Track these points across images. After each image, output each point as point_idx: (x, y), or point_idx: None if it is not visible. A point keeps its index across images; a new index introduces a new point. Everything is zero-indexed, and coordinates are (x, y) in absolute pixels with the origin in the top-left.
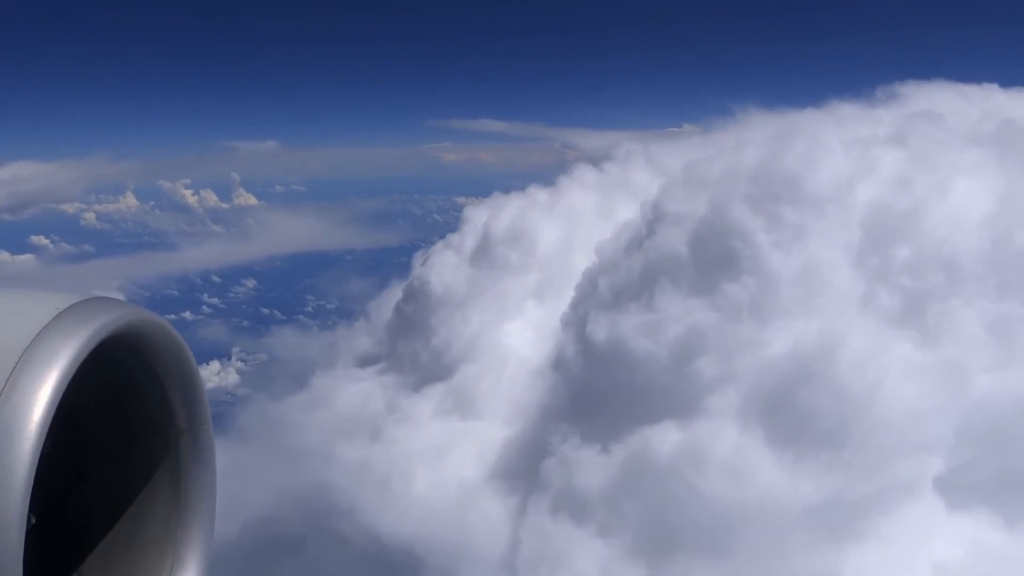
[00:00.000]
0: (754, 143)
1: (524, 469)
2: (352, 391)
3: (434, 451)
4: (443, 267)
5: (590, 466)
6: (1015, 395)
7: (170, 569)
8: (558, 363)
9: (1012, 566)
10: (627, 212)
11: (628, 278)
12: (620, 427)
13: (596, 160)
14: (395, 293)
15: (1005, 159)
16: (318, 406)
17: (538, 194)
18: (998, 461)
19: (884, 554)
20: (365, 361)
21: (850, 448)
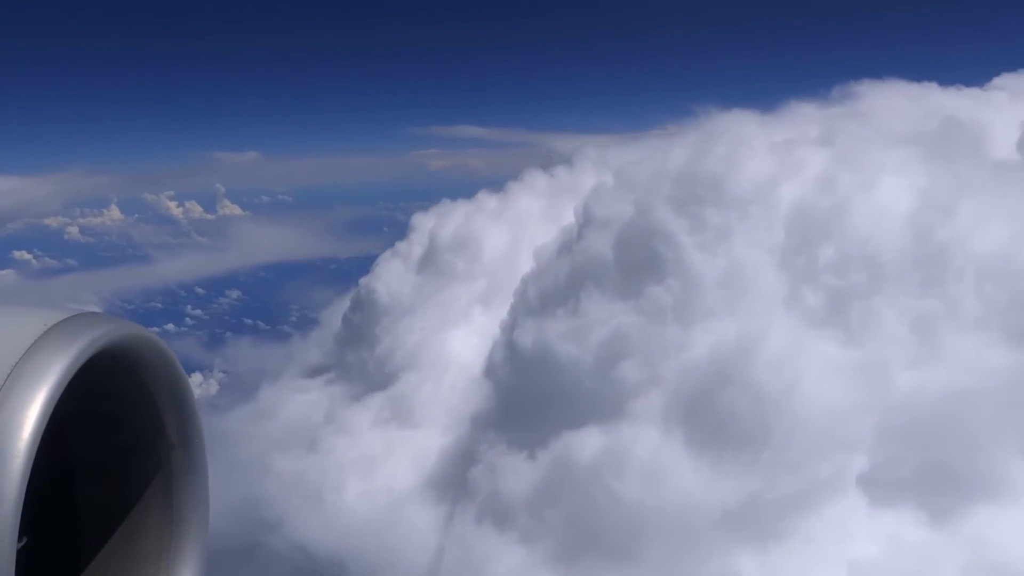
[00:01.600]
0: (683, 144)
1: (454, 477)
2: (298, 402)
3: (369, 461)
4: (389, 276)
5: (515, 473)
6: (937, 392)
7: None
8: (488, 370)
9: (931, 562)
10: (572, 217)
11: (556, 283)
12: (546, 433)
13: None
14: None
15: (934, 157)
16: (263, 417)
17: (487, 200)
18: (921, 457)
19: (804, 553)
20: (314, 371)
21: (772, 448)
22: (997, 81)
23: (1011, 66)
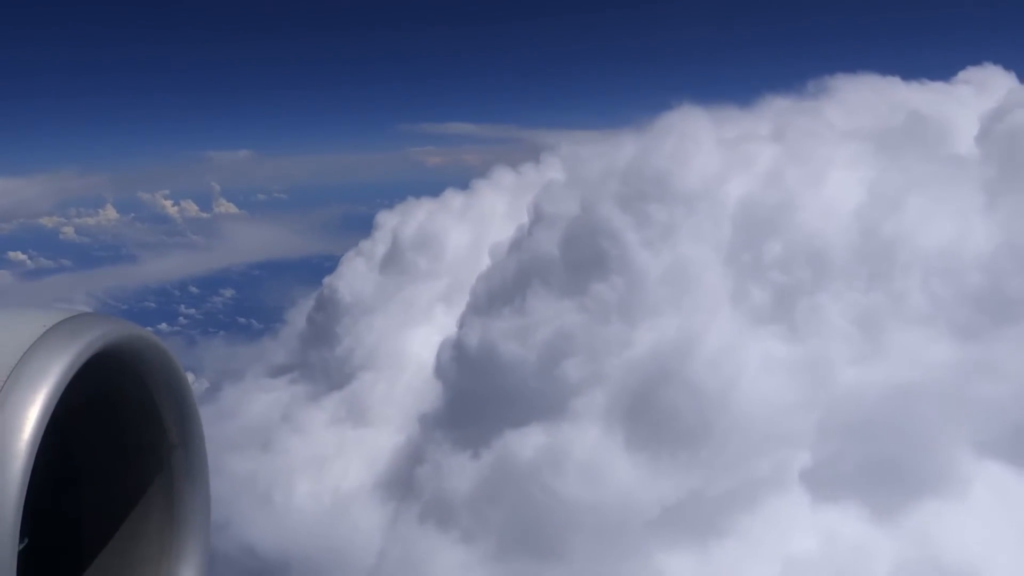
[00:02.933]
0: (633, 141)
1: (402, 476)
2: (260, 401)
3: (320, 460)
4: (352, 274)
5: (459, 472)
6: (881, 387)
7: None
8: (437, 369)
9: (871, 557)
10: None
11: (503, 282)
12: (490, 432)
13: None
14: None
15: (888, 152)
16: (224, 417)
17: (453, 198)
18: (865, 453)
19: (743, 550)
20: (279, 371)
21: (713, 445)
22: (963, 75)
23: (977, 59)
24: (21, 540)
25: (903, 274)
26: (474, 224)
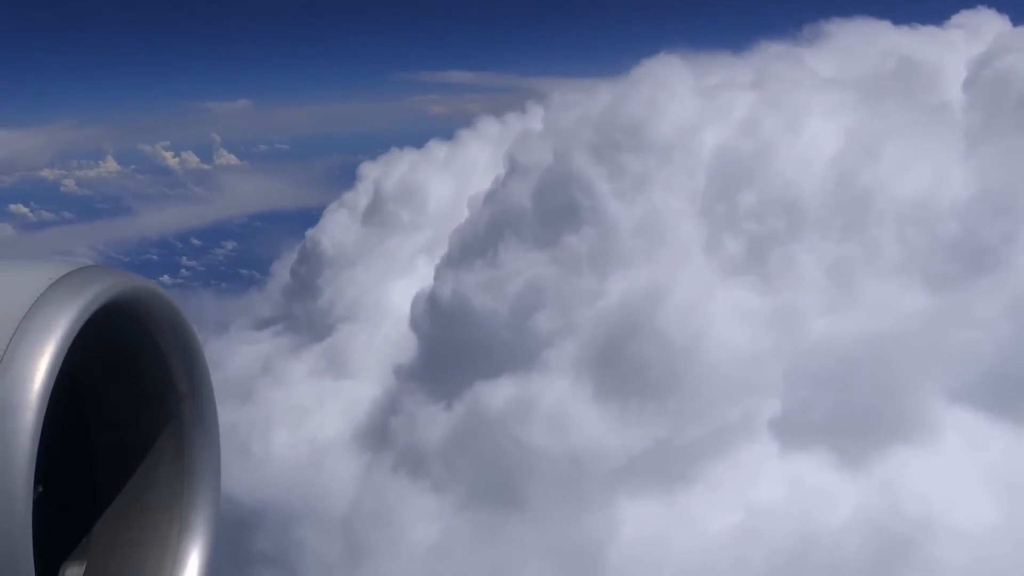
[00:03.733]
0: (609, 91)
1: (378, 427)
2: (244, 354)
3: (299, 412)
4: (335, 227)
5: (432, 423)
6: (853, 336)
7: (178, 533)
8: (413, 321)
9: (833, 503)
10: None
11: (476, 233)
12: (463, 384)
13: None
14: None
15: (872, 99)
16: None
17: (437, 149)
18: (835, 401)
19: (709, 497)
20: (264, 323)
21: (683, 394)
22: (956, 19)
23: (972, 2)
24: (35, 489)
25: (878, 224)
26: (457, 175)
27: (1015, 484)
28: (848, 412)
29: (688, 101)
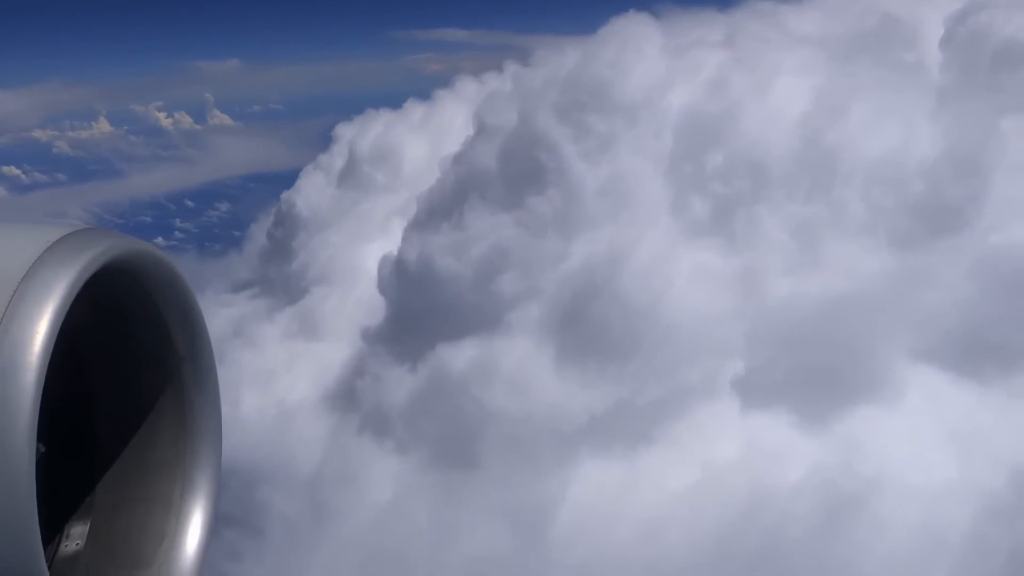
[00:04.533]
0: (577, 50)
1: (346, 390)
2: (219, 316)
3: (269, 374)
4: (310, 189)
5: (397, 385)
6: (817, 297)
7: (180, 492)
8: (380, 284)
9: (791, 462)
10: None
11: (443, 196)
12: (428, 346)
13: None
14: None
15: (846, 57)
16: None
17: (414, 109)
18: (799, 362)
19: (668, 456)
20: (241, 286)
21: (646, 355)
22: None
23: None
24: (38, 448)
25: (845, 184)
26: (433, 136)
27: (974, 442)
28: (811, 372)
29: (655, 61)
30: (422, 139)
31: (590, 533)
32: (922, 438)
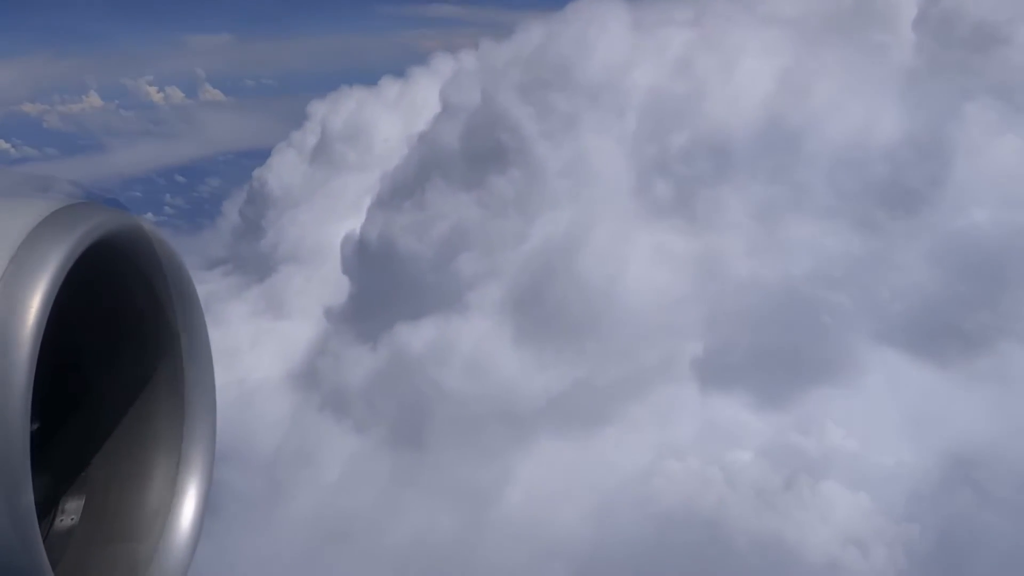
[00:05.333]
0: (544, 28)
1: (308, 369)
2: None
3: (233, 352)
4: (282, 167)
5: (357, 364)
6: (775, 278)
7: (176, 467)
8: (343, 263)
9: (747, 443)
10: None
11: (406, 175)
12: (389, 325)
13: None
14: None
15: (810, 39)
16: None
17: (389, 87)
18: (755, 343)
19: (625, 437)
20: (214, 263)
21: (606, 336)
22: None
23: None
24: (32, 424)
25: (807, 166)
26: (407, 114)
27: (931, 424)
28: (770, 354)
29: (620, 39)
30: (395, 117)
31: (542, 513)
32: (880, 419)
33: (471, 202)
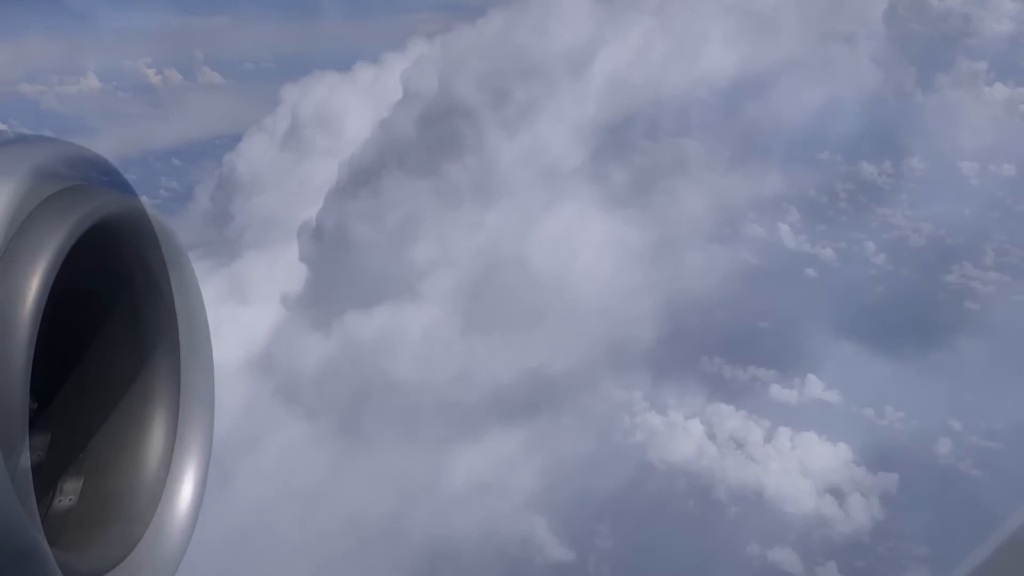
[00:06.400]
0: (506, 16)
1: (264, 355)
2: None
3: None
4: (252, 152)
5: (311, 352)
6: (728, 270)
7: (174, 450)
8: (300, 250)
9: (691, 434)
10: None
11: (363, 161)
12: (341, 313)
13: None
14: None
15: (773, 28)
16: None
17: (363, 72)
18: (707, 335)
19: (572, 426)
20: (189, 247)
21: (555, 326)
22: None
23: None
24: (31, 405)
25: (763, 157)
26: (377, 100)
27: (881, 417)
28: (722, 346)
29: (581, 26)
30: (365, 103)
31: (484, 499)
32: (831, 412)
33: (426, 190)
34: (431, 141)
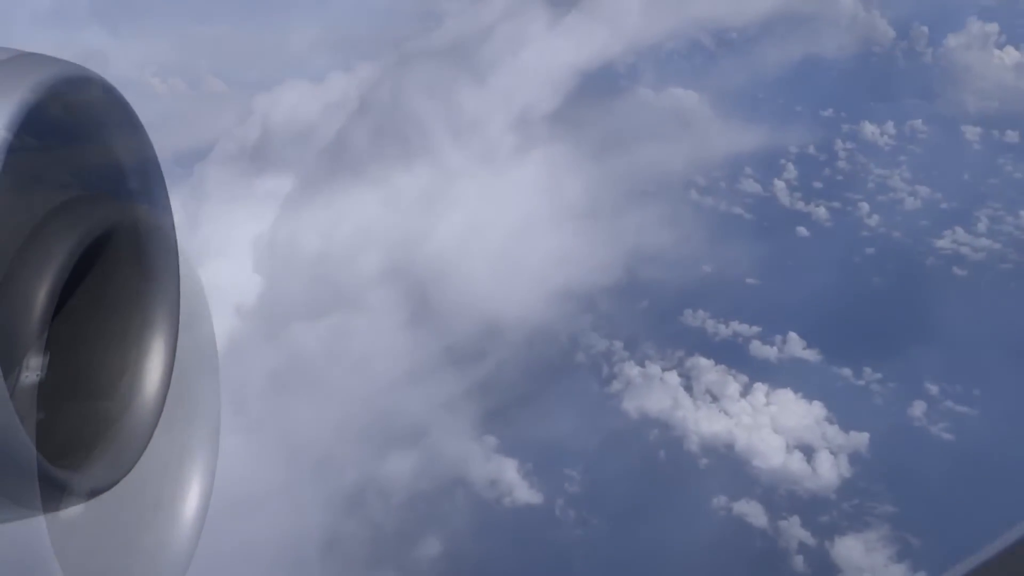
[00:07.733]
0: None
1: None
2: None
3: None
4: (220, 162)
5: (259, 363)
6: (686, 278)
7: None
8: (255, 262)
9: (642, 440)
10: None
11: (318, 171)
12: (289, 325)
13: None
14: None
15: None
16: None
17: (335, 81)
18: (669, 341)
19: (517, 439)
20: None
21: (506, 336)
22: None
23: None
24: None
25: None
26: (344, 110)
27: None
28: (683, 351)
29: (538, 29)
30: (333, 112)
31: (423, 516)
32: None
33: (376, 200)
34: (383, 150)
